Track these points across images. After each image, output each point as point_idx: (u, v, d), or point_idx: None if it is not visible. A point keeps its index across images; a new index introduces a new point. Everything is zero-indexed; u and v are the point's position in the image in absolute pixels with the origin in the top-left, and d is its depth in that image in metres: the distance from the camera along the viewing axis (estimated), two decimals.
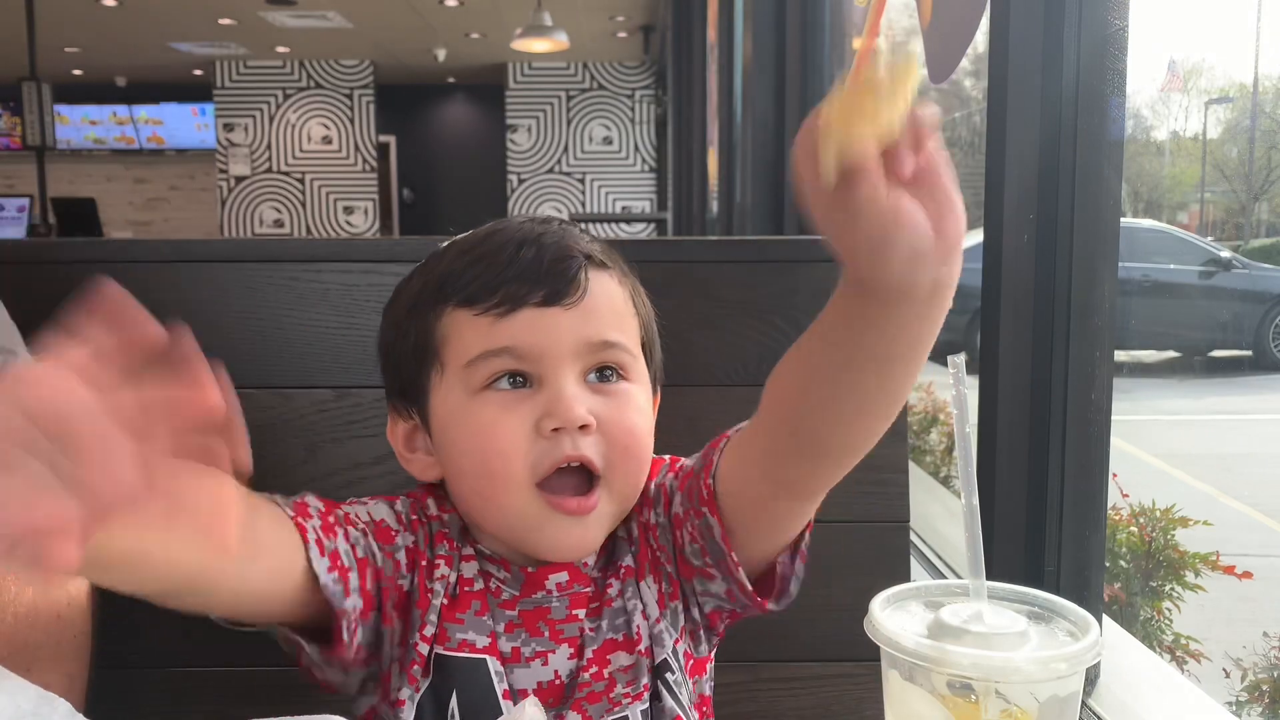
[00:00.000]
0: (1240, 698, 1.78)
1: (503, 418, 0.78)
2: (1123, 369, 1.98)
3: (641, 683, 0.81)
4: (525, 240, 0.81)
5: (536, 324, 0.79)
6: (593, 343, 0.80)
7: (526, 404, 0.79)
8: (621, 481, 0.81)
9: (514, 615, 0.82)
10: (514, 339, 0.79)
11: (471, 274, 0.81)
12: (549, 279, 0.79)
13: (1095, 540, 1.24)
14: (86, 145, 14.07)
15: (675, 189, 8.88)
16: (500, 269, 0.80)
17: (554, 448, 0.78)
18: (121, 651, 1.15)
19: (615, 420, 0.80)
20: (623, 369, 0.83)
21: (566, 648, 0.82)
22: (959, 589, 0.63)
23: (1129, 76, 1.17)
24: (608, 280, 0.83)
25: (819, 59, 3.04)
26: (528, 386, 0.80)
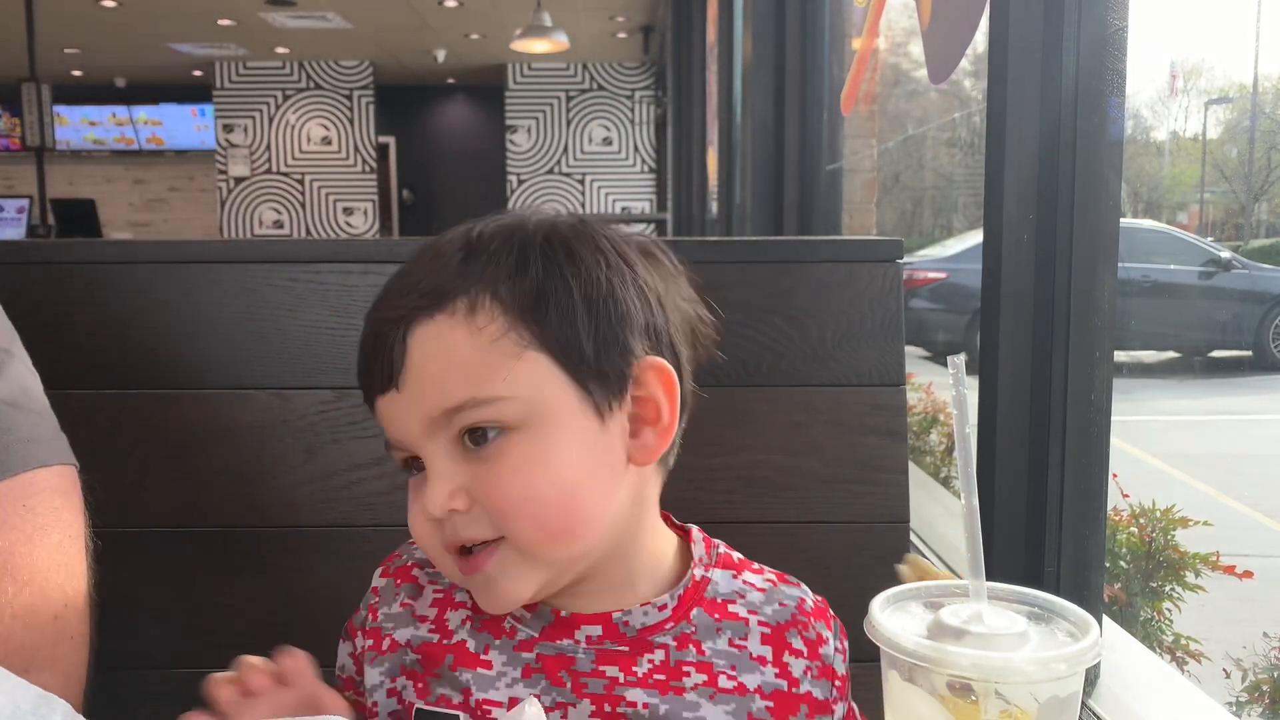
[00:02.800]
0: (1240, 698, 1.78)
1: (412, 505, 0.75)
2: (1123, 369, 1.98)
3: None
4: (369, 316, 0.75)
5: (386, 413, 0.73)
6: (432, 417, 0.70)
7: (423, 488, 0.73)
8: (523, 542, 0.71)
9: (531, 658, 0.75)
10: (387, 427, 0.74)
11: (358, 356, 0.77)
12: (371, 366, 0.73)
13: (1095, 540, 1.24)
14: (86, 146, 14.07)
15: (675, 189, 8.88)
16: (359, 359, 0.75)
17: (445, 533, 0.73)
18: (121, 652, 1.15)
19: (485, 490, 0.70)
20: (493, 422, 0.70)
21: (589, 704, 0.73)
22: (959, 589, 0.63)
23: (1129, 76, 1.17)
24: (439, 328, 0.71)
25: (819, 59, 3.04)
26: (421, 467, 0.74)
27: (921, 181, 6.31)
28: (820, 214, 3.07)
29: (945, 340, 5.49)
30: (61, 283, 1.17)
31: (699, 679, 0.73)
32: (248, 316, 1.17)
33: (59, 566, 0.84)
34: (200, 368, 1.17)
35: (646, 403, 0.75)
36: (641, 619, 0.75)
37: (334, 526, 1.17)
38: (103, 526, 0.92)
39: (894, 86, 4.15)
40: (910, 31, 1.39)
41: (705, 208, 6.14)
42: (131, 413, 1.17)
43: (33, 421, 0.86)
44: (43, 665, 0.82)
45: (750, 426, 1.18)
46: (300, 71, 12.95)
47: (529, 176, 13.04)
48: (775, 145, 3.29)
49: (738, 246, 1.21)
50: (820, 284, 1.18)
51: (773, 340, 1.18)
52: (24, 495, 0.83)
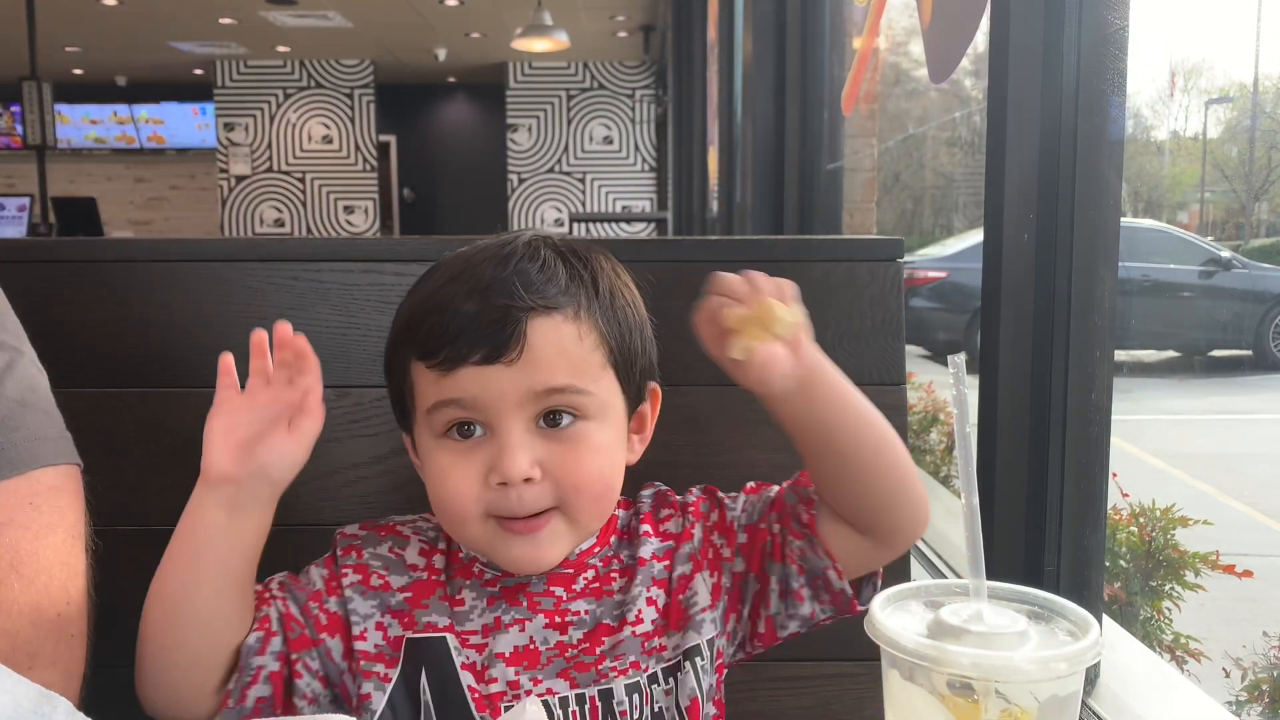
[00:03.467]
0: (1240, 697, 1.78)
1: (455, 467, 0.85)
2: (1123, 369, 1.98)
3: (629, 659, 0.87)
4: (474, 290, 0.84)
5: (478, 379, 0.83)
6: (536, 392, 0.83)
7: (477, 453, 0.84)
8: (579, 514, 0.86)
9: (495, 590, 0.89)
10: (459, 392, 0.83)
11: (425, 326, 0.85)
12: (486, 338, 0.82)
13: (1095, 540, 1.24)
14: (87, 144, 14.08)
15: (675, 189, 8.88)
16: (444, 326, 0.83)
17: (501, 499, 0.83)
18: (121, 651, 1.15)
19: (564, 466, 0.84)
20: (576, 409, 0.85)
21: (542, 618, 0.87)
22: (959, 589, 0.63)
23: (1129, 76, 1.17)
24: (556, 324, 0.84)
25: (819, 59, 3.04)
26: (483, 434, 0.84)
27: (922, 181, 6.31)
28: (820, 213, 3.07)
29: (945, 339, 5.49)
30: (62, 281, 1.17)
31: (620, 581, 0.91)
32: (248, 315, 1.17)
33: (62, 565, 0.84)
34: (200, 366, 1.17)
35: (642, 417, 0.93)
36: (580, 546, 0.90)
37: (334, 525, 1.17)
38: (103, 526, 0.92)
39: (894, 86, 4.15)
40: (911, 31, 1.39)
41: (705, 207, 6.14)
42: (131, 412, 1.17)
43: (40, 420, 0.87)
44: (46, 662, 0.82)
45: (750, 426, 1.18)
46: (301, 70, 12.95)
47: (529, 175, 13.05)
48: (775, 144, 3.29)
49: (738, 246, 1.21)
50: (820, 283, 1.18)
51: None
52: (31, 493, 0.83)
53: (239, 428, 0.81)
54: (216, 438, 0.81)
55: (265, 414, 0.82)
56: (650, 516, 0.95)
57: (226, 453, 0.80)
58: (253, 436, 0.81)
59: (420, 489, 1.11)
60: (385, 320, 1.17)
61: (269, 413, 0.82)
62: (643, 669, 0.87)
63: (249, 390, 0.82)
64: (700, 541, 0.92)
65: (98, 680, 0.88)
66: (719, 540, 0.92)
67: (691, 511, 0.94)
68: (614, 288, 0.90)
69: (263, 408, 0.82)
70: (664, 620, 0.89)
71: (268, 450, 0.81)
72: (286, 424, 0.82)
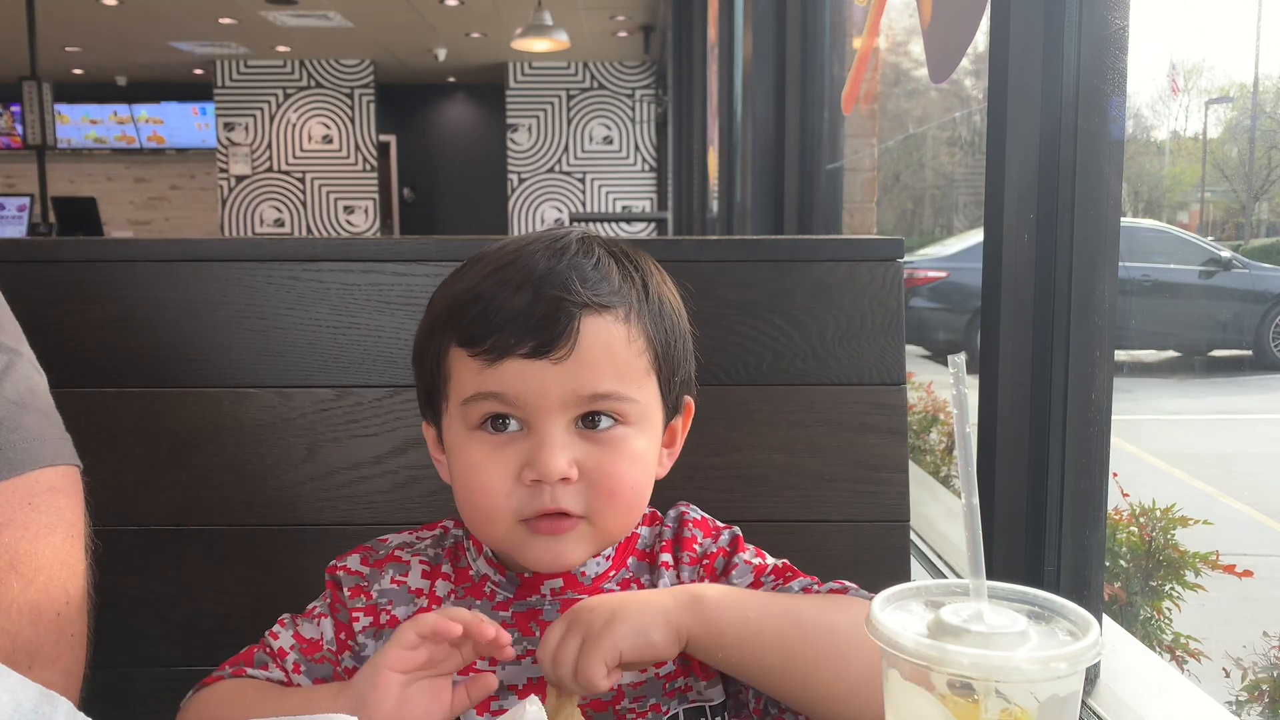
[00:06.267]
0: (1240, 697, 1.78)
1: (489, 461, 0.82)
2: (1123, 369, 1.99)
3: (649, 702, 0.84)
4: (525, 280, 0.81)
5: (523, 374, 0.80)
6: (581, 396, 0.80)
7: (512, 448, 0.81)
8: (606, 523, 0.84)
9: (507, 616, 0.87)
10: (501, 385, 0.80)
11: (471, 313, 0.82)
12: (537, 331, 0.79)
13: (1095, 540, 1.24)
14: (87, 144, 14.07)
15: (675, 189, 8.88)
16: (492, 314, 0.80)
17: (534, 497, 0.81)
18: (121, 651, 1.15)
19: (601, 469, 0.81)
20: (617, 414, 0.83)
21: None
22: (959, 588, 0.63)
23: (1129, 76, 1.17)
24: (607, 324, 0.82)
25: (819, 59, 3.04)
26: (518, 429, 0.82)
27: (922, 180, 6.31)
28: (820, 213, 3.07)
29: (945, 339, 5.49)
30: (62, 281, 1.17)
31: None
32: (248, 315, 1.17)
33: (62, 565, 0.84)
34: (201, 366, 1.17)
35: (674, 430, 0.92)
36: (595, 569, 0.88)
37: (334, 525, 1.17)
38: (103, 526, 0.92)
39: (894, 85, 4.15)
40: (911, 30, 1.38)
41: (705, 207, 6.14)
42: (131, 412, 1.17)
43: (39, 421, 0.87)
44: (46, 662, 0.82)
45: (750, 426, 1.18)
46: (301, 70, 12.95)
47: (529, 175, 13.05)
48: (775, 144, 3.29)
49: (738, 246, 1.21)
50: (820, 283, 1.18)
51: (773, 340, 1.18)
52: (30, 494, 0.83)
53: (410, 696, 0.76)
54: (389, 701, 0.75)
55: (431, 676, 0.77)
56: (671, 547, 0.91)
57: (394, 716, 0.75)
58: (416, 707, 0.76)
59: (420, 490, 1.12)
60: (385, 320, 1.17)
61: (435, 672, 0.77)
62: (663, 711, 0.85)
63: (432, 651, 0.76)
64: None
65: (98, 680, 0.89)
66: None
67: (705, 565, 0.90)
68: (662, 294, 0.88)
69: (434, 668, 0.77)
70: (687, 662, 0.86)
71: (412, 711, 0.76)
72: (447, 690, 0.78)
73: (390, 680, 0.75)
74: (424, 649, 0.75)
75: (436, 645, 0.75)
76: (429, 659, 0.76)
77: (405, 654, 0.75)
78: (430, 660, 0.76)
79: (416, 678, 0.76)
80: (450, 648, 0.76)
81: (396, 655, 0.75)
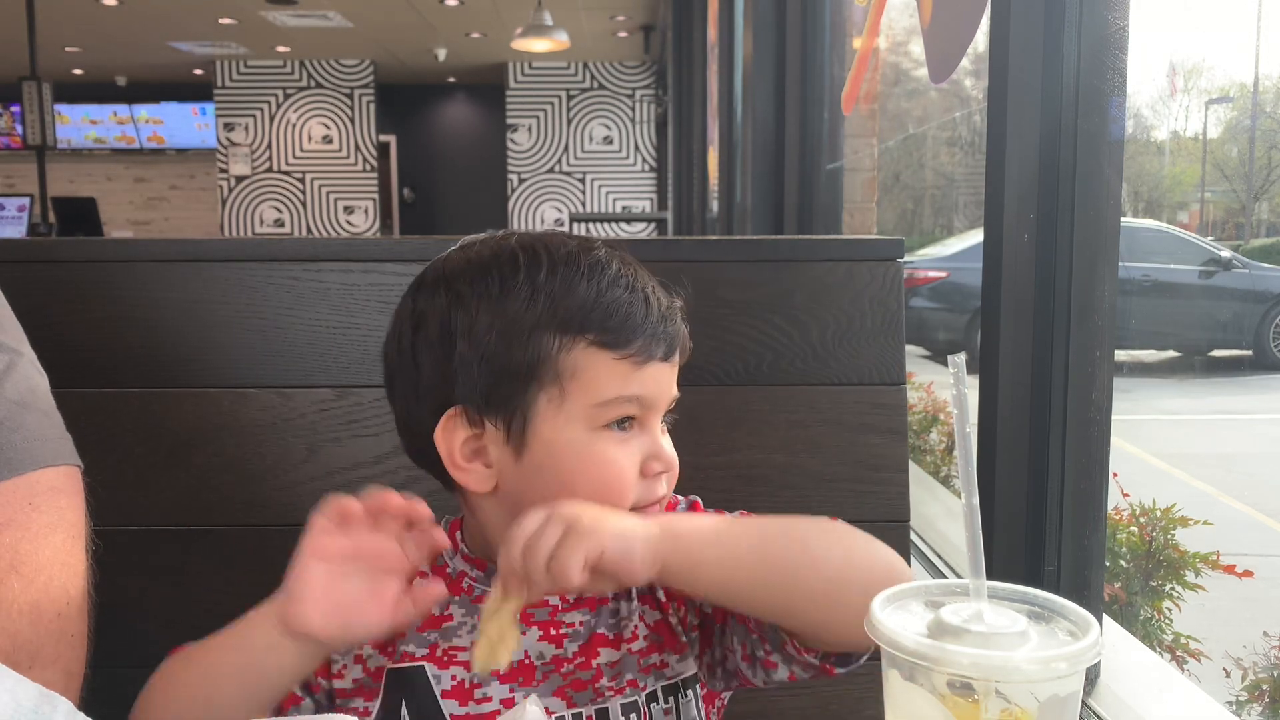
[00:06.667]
0: (1240, 697, 1.78)
1: (620, 456, 0.84)
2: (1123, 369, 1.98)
3: (626, 678, 0.86)
4: (645, 289, 0.86)
5: (658, 377, 0.85)
6: (675, 395, 0.88)
7: (633, 444, 0.85)
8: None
9: None
10: (644, 388, 0.84)
11: (613, 318, 0.83)
12: (669, 335, 0.86)
13: (1095, 540, 1.24)
14: (87, 145, 14.07)
15: (675, 189, 8.88)
16: (638, 321, 0.84)
17: (653, 488, 0.85)
18: (121, 651, 1.15)
19: (675, 462, 0.88)
20: (673, 419, 0.90)
21: (536, 630, 0.87)
22: (959, 588, 0.63)
23: (1129, 76, 1.17)
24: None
25: (819, 59, 3.04)
26: (633, 429, 0.85)
27: (922, 180, 6.30)
28: (820, 213, 3.07)
29: (945, 339, 5.49)
30: (62, 281, 1.17)
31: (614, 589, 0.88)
32: (248, 315, 1.17)
33: (62, 565, 0.84)
34: (201, 366, 1.17)
35: None
36: None
37: None
38: (103, 526, 0.92)
39: (894, 85, 4.15)
40: (911, 30, 1.38)
41: (705, 207, 6.14)
42: (132, 412, 1.17)
43: (40, 421, 0.87)
44: (46, 662, 0.82)
45: (750, 426, 1.18)
46: (301, 70, 12.95)
47: (529, 175, 13.04)
48: (775, 144, 3.29)
49: (738, 246, 1.21)
50: (820, 283, 1.18)
51: (773, 340, 1.18)
52: (30, 494, 0.83)
53: (338, 585, 0.75)
54: (313, 590, 0.75)
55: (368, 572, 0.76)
56: None
57: (317, 612, 0.75)
58: (350, 601, 0.75)
59: (420, 490, 1.11)
60: (385, 320, 1.17)
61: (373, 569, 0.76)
62: (640, 687, 0.87)
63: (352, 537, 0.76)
64: None
65: (98, 680, 0.88)
66: None
67: None
68: None
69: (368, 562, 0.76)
70: (659, 637, 0.89)
71: (363, 625, 0.76)
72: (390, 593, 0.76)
73: (310, 568, 0.75)
74: (343, 536, 0.75)
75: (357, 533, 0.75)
76: (355, 549, 0.76)
77: (320, 538, 0.75)
78: (358, 551, 0.76)
79: (347, 571, 0.75)
80: (386, 542, 0.76)
81: (311, 541, 0.75)
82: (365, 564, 0.76)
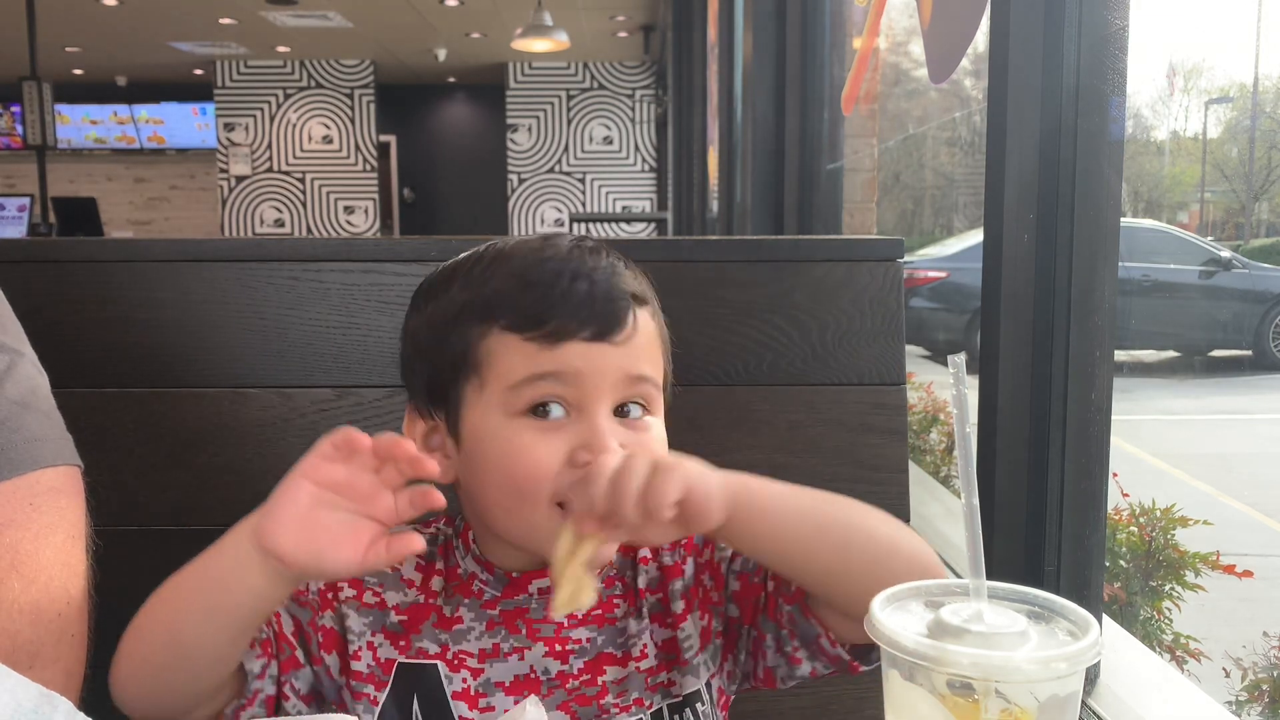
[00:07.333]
0: (1240, 697, 1.78)
1: (539, 443, 0.81)
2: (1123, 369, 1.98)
3: (632, 696, 0.86)
4: (579, 273, 0.83)
5: (583, 355, 0.82)
6: (630, 375, 0.83)
7: (562, 433, 0.82)
8: None
9: (495, 614, 0.88)
10: (560, 365, 0.81)
11: (524, 299, 0.82)
12: (599, 317, 0.82)
13: (1095, 540, 1.24)
14: (87, 145, 14.07)
15: (675, 189, 8.88)
16: (554, 299, 0.82)
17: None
18: None
19: (646, 449, 0.82)
20: (648, 403, 0.86)
21: (542, 646, 0.86)
22: (959, 588, 0.63)
23: (1129, 76, 1.17)
24: (646, 317, 0.87)
25: (819, 59, 3.04)
26: (565, 416, 0.82)
27: (922, 181, 6.31)
28: (820, 213, 3.07)
29: (945, 339, 5.49)
30: (62, 281, 1.17)
31: (622, 608, 0.90)
32: (249, 315, 1.17)
33: (63, 565, 0.84)
34: (201, 366, 1.17)
35: None
36: None
37: None
38: (103, 526, 0.92)
39: (894, 85, 4.15)
40: (911, 31, 1.38)
41: (705, 207, 6.14)
42: (132, 412, 1.17)
43: (41, 421, 0.87)
44: (46, 662, 0.82)
45: (750, 426, 1.18)
46: (301, 70, 12.94)
47: (530, 175, 13.04)
48: (775, 144, 3.29)
49: (738, 246, 1.21)
50: (820, 284, 1.18)
51: (773, 340, 1.18)
52: (31, 494, 0.83)
53: (319, 513, 0.72)
54: (294, 509, 0.72)
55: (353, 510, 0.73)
56: None
57: (291, 533, 0.72)
58: (326, 532, 0.72)
59: None
60: (385, 320, 1.17)
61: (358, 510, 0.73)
62: (646, 705, 0.87)
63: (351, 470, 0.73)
64: (691, 578, 0.91)
65: (98, 680, 0.88)
66: (708, 581, 0.91)
67: (684, 543, 0.92)
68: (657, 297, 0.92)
69: (356, 500, 0.73)
70: (668, 655, 0.89)
71: (333, 559, 0.72)
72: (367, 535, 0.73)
73: (300, 486, 0.72)
74: (341, 466, 0.72)
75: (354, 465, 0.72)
76: (348, 481, 0.72)
77: (319, 462, 0.72)
78: (350, 484, 0.72)
79: (334, 502, 0.72)
80: (381, 488, 0.73)
81: (310, 461, 0.73)
82: (353, 502, 0.73)
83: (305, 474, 0.73)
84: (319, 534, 0.72)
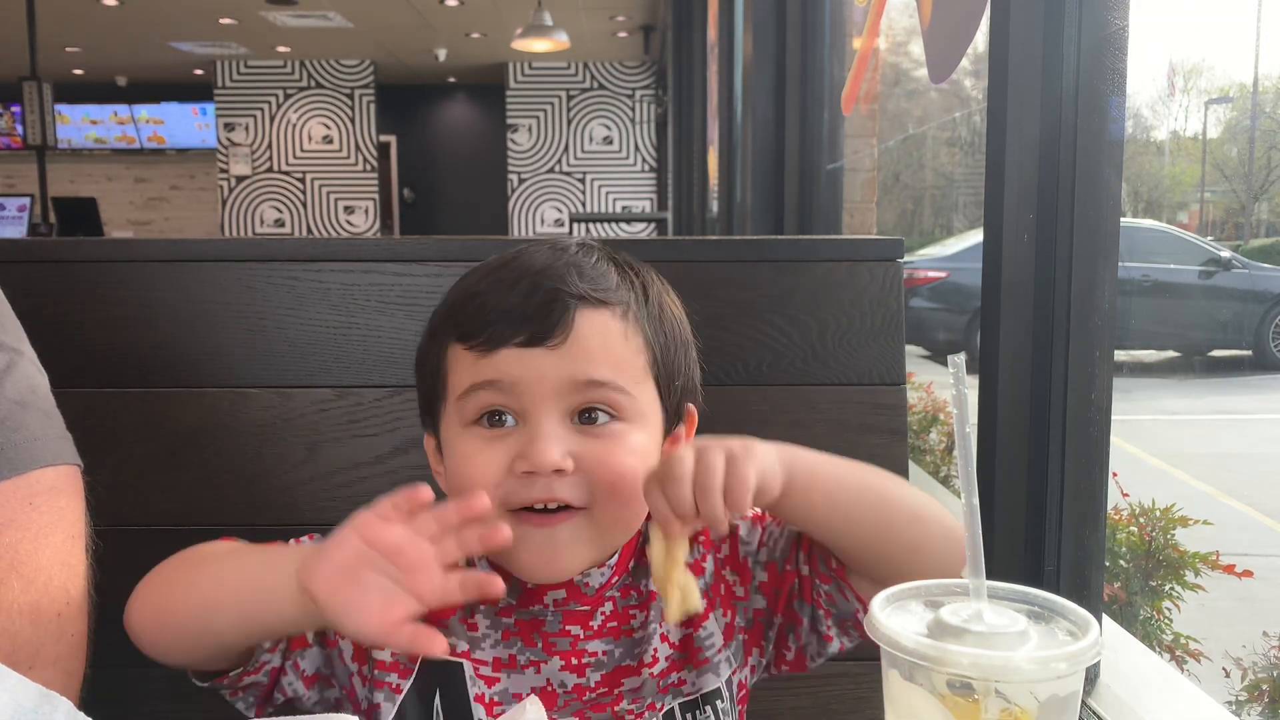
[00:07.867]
0: (1240, 697, 1.78)
1: (481, 452, 0.82)
2: (1123, 369, 1.98)
3: (647, 701, 0.86)
4: (523, 277, 0.83)
5: (518, 362, 0.81)
6: (577, 382, 0.81)
7: (507, 441, 0.82)
8: (606, 516, 0.82)
9: (510, 623, 0.87)
10: (497, 373, 0.81)
11: (469, 309, 0.84)
12: (532, 321, 0.81)
13: (1095, 540, 1.24)
14: (87, 145, 14.07)
15: (675, 189, 8.88)
16: (489, 307, 0.82)
17: (525, 488, 0.80)
18: (121, 651, 1.15)
19: (600, 462, 0.81)
20: (614, 408, 0.82)
21: (558, 660, 0.85)
22: (959, 588, 0.63)
23: (1129, 76, 1.17)
24: (604, 318, 0.83)
25: (819, 58, 3.04)
26: (514, 425, 0.82)
27: (922, 181, 6.31)
28: (820, 213, 3.07)
29: (945, 339, 5.49)
30: (63, 281, 1.17)
31: (639, 618, 0.88)
32: (249, 315, 1.17)
33: (62, 565, 0.84)
34: (201, 366, 1.17)
35: (677, 439, 0.90)
36: (598, 579, 0.87)
37: (335, 525, 1.17)
38: (103, 526, 0.92)
39: (894, 86, 4.15)
40: (911, 31, 1.38)
41: (705, 207, 6.14)
42: (131, 412, 1.17)
43: (40, 421, 0.87)
44: (46, 662, 0.82)
45: (750, 426, 1.17)
46: (301, 70, 12.94)
47: (529, 175, 13.04)
48: (775, 144, 3.29)
49: (738, 246, 1.21)
50: (820, 283, 1.18)
51: (773, 340, 1.18)
52: (30, 494, 0.83)
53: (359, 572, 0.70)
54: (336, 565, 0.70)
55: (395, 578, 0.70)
56: None
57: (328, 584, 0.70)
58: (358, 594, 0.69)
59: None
60: (385, 320, 1.17)
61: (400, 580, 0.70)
62: (658, 708, 0.86)
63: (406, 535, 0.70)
64: (712, 576, 0.90)
65: (98, 680, 0.89)
66: (731, 577, 0.90)
67: (702, 541, 0.91)
68: (663, 301, 0.89)
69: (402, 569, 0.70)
70: (681, 654, 0.88)
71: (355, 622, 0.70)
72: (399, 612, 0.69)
73: (349, 539, 0.70)
74: (397, 527, 0.70)
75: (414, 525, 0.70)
76: (397, 547, 0.70)
77: (374, 520, 0.71)
78: (399, 551, 0.70)
79: (379, 565, 0.69)
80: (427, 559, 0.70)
81: (366, 517, 0.71)
82: (398, 570, 0.70)
83: (358, 528, 0.71)
84: (353, 592, 0.70)
